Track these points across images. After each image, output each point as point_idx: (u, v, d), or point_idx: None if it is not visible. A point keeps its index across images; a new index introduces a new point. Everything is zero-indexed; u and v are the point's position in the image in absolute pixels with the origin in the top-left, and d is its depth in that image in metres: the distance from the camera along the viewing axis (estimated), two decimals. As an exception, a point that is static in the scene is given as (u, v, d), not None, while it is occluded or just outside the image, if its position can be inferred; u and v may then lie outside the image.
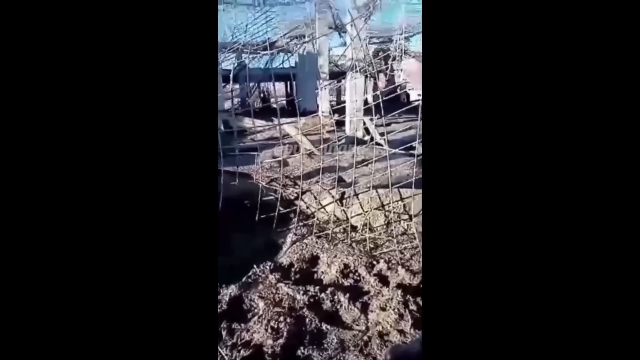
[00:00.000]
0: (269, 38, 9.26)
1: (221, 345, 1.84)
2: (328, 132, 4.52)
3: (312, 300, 2.20)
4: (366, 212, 3.07)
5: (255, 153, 3.61)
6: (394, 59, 11.85)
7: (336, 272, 2.48)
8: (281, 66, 12.65)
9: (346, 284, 2.39)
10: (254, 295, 2.23)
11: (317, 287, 2.29)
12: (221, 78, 7.51)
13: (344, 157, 3.52)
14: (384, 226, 3.02)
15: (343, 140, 4.72)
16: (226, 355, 1.78)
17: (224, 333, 1.92)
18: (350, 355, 1.83)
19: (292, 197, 3.33)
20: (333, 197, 3.19)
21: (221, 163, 3.22)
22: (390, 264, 2.53)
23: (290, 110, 9.04)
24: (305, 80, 8.71)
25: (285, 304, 2.14)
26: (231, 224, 2.92)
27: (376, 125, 5.70)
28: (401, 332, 1.96)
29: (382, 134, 5.97)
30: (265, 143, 4.46)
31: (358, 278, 2.45)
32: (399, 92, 9.89)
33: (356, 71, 5.32)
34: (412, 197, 2.94)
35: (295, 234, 2.96)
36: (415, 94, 9.90)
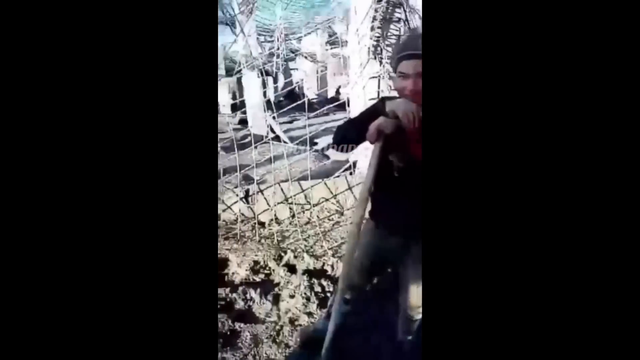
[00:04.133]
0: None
1: None
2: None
3: (223, 302, 2.18)
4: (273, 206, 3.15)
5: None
6: (291, 59, 12.05)
7: (246, 270, 2.50)
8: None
9: (257, 279, 2.43)
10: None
11: (228, 289, 2.28)
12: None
13: (249, 156, 3.52)
14: (290, 218, 3.14)
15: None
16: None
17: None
18: (264, 347, 1.89)
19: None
20: (237, 195, 3.18)
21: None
22: (296, 253, 2.65)
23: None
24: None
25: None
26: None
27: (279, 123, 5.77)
28: (309, 314, 2.10)
29: (284, 131, 6.12)
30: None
31: (268, 272, 2.51)
32: (297, 91, 10.16)
33: (251, 68, 5.28)
34: (310, 187, 3.13)
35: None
36: (312, 93, 10.24)
